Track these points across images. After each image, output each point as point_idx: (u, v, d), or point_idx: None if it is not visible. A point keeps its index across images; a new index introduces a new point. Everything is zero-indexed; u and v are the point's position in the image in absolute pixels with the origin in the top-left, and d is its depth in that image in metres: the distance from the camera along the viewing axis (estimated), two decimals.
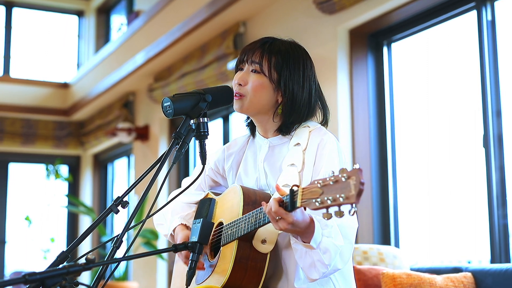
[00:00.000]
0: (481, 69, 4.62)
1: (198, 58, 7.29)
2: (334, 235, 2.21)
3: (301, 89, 2.45)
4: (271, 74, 2.44)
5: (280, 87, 2.44)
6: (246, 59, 2.49)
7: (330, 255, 2.19)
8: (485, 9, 4.65)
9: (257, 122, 2.56)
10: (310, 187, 1.96)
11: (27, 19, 11.54)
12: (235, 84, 2.49)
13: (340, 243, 2.21)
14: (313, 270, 2.22)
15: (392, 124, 5.37)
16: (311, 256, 2.20)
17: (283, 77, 2.44)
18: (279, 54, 2.46)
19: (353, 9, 5.23)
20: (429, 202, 5.15)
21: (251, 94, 2.45)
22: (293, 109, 2.45)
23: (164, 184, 8.28)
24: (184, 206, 2.72)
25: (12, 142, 10.82)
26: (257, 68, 2.45)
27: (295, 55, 2.48)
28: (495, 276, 3.85)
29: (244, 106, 2.47)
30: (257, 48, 2.48)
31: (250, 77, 2.46)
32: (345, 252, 2.25)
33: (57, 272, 1.85)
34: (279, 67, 2.44)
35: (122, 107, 9.45)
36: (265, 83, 2.44)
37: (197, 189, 2.76)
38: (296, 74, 2.45)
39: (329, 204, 1.87)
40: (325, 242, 2.19)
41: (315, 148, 2.41)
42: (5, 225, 10.96)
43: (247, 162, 2.61)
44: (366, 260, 4.27)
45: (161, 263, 8.33)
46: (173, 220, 2.67)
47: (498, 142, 4.53)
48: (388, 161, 5.33)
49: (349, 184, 1.84)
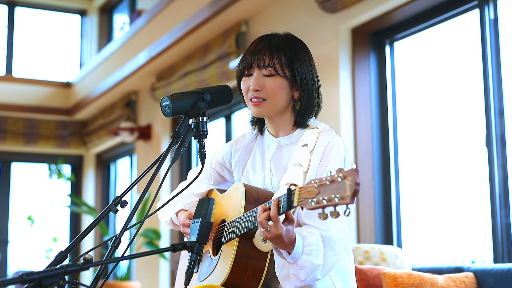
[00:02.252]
0: (484, 68, 4.60)
1: (200, 57, 7.29)
2: (314, 254, 2.23)
3: (312, 79, 2.49)
4: (285, 73, 2.45)
5: (295, 82, 2.47)
6: (256, 63, 2.47)
7: (306, 272, 2.21)
8: (488, 7, 4.63)
9: (272, 122, 2.56)
10: (307, 186, 1.96)
11: (29, 18, 11.54)
12: (250, 90, 2.47)
13: (319, 262, 2.23)
14: (287, 282, 2.25)
15: (394, 123, 5.35)
16: (288, 269, 2.24)
17: (296, 72, 2.46)
18: (287, 51, 2.47)
19: (355, 8, 5.21)
20: (431, 202, 5.13)
21: (271, 98, 2.46)
22: (309, 100, 2.49)
23: (163, 184, 8.24)
24: (188, 195, 2.76)
25: (15, 142, 10.82)
26: (271, 71, 2.45)
27: (298, 48, 2.51)
28: (497, 276, 3.83)
29: (266, 110, 2.48)
30: (265, 51, 2.47)
31: (266, 81, 2.46)
32: (329, 263, 2.28)
33: (54, 272, 1.84)
34: (290, 64, 2.46)
35: (125, 107, 9.44)
36: (282, 83, 2.46)
37: (202, 181, 2.78)
38: (306, 66, 2.49)
39: (325, 204, 1.88)
40: (303, 259, 2.21)
41: (322, 150, 2.42)
42: (7, 225, 10.97)
43: (255, 158, 2.62)
44: (368, 260, 4.26)
45: (164, 263, 8.32)
46: (176, 207, 2.73)
47: (501, 141, 4.51)
48: (390, 160, 5.31)
49: (344, 185, 1.84)
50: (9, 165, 11.21)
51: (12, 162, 11.23)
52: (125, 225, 2.16)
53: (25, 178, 11.34)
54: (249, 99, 2.48)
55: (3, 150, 10.99)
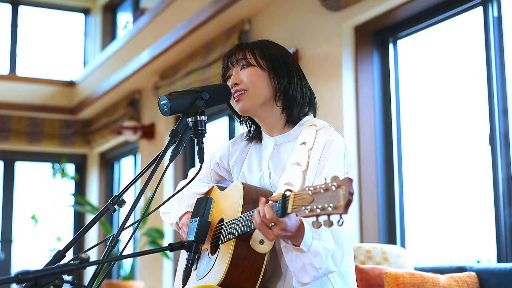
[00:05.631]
0: (487, 66, 4.58)
1: (203, 56, 7.28)
2: (325, 238, 2.19)
3: (291, 73, 2.48)
4: (260, 63, 2.47)
5: (273, 73, 2.47)
6: (231, 63, 2.53)
7: (321, 258, 2.17)
8: (491, 5, 4.61)
9: (262, 119, 2.54)
10: (301, 193, 1.94)
11: (33, 17, 11.54)
12: (232, 87, 2.48)
13: (331, 246, 2.20)
14: (304, 274, 2.20)
15: (397, 122, 5.33)
16: (302, 260, 2.18)
17: (271, 63, 2.47)
18: (260, 47, 2.51)
19: (358, 6, 5.20)
20: (435, 201, 5.11)
21: (250, 87, 2.45)
22: (290, 93, 2.47)
23: (166, 183, 8.23)
24: (191, 195, 2.74)
25: (18, 141, 10.83)
26: (245, 62, 2.49)
27: (274, 47, 2.54)
28: (500, 276, 3.81)
29: (249, 102, 2.46)
30: (236, 50, 2.53)
31: (242, 74, 2.48)
32: (337, 256, 2.23)
33: (50, 272, 1.82)
34: (265, 56, 2.48)
35: (128, 105, 9.44)
36: (258, 71, 2.47)
37: (202, 181, 2.77)
38: (282, 61, 2.49)
39: (318, 213, 1.85)
40: (316, 245, 2.17)
41: (321, 148, 2.38)
42: (11, 224, 10.98)
43: (252, 160, 2.60)
44: (370, 259, 4.24)
45: (167, 262, 8.31)
46: (180, 209, 2.70)
47: (504, 140, 4.49)
48: (393, 159, 5.29)
49: (338, 194, 1.82)
50: (12, 164, 11.21)
51: (15, 161, 11.24)
52: (122, 224, 2.15)
53: (29, 177, 11.35)
54: (234, 97, 2.49)
55: (7, 149, 11.00)
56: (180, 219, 2.67)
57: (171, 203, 2.76)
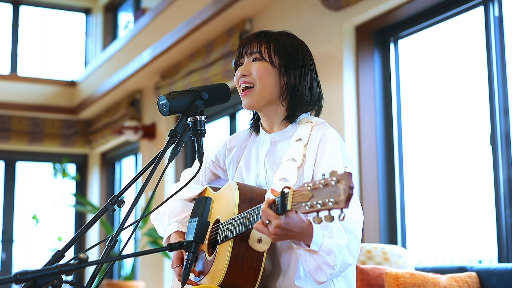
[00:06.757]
0: (488, 66, 4.57)
1: (204, 56, 7.28)
2: (336, 235, 2.17)
3: (303, 73, 2.46)
4: (272, 59, 2.45)
5: (283, 71, 2.44)
6: (245, 52, 2.50)
7: (334, 256, 2.16)
8: (492, 5, 4.60)
9: (265, 115, 2.53)
10: (300, 190, 1.93)
11: (34, 17, 11.54)
12: (238, 77, 2.48)
13: (343, 241, 2.18)
14: (320, 273, 2.18)
15: (398, 122, 5.33)
16: (316, 260, 2.17)
17: (284, 60, 2.45)
18: (277, 40, 2.48)
19: (359, 6, 5.19)
20: (436, 201, 5.10)
21: (258, 83, 2.44)
22: (298, 93, 2.45)
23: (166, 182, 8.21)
24: (183, 206, 2.70)
25: (19, 141, 10.82)
26: (258, 56, 2.46)
27: (292, 42, 2.50)
28: (500, 276, 3.80)
29: (255, 98, 2.45)
30: (254, 39, 2.49)
31: (252, 66, 2.46)
32: (352, 247, 2.22)
33: (48, 272, 1.82)
34: (279, 52, 2.45)
35: (129, 105, 9.43)
36: (268, 68, 2.44)
37: (195, 183, 2.75)
38: (296, 58, 2.46)
39: (319, 208, 1.84)
40: (328, 243, 2.15)
41: (317, 143, 2.38)
42: (12, 224, 10.98)
43: (249, 156, 2.60)
44: (370, 259, 4.23)
45: (168, 262, 8.30)
46: (170, 224, 2.65)
47: (506, 140, 4.48)
48: (394, 159, 5.28)
49: (338, 188, 1.81)
50: (13, 164, 11.21)
51: (16, 161, 11.24)
52: (121, 224, 2.15)
53: (30, 177, 11.34)
54: (240, 89, 2.48)
55: (8, 149, 10.99)
56: (169, 239, 2.62)
57: (162, 212, 2.71)
